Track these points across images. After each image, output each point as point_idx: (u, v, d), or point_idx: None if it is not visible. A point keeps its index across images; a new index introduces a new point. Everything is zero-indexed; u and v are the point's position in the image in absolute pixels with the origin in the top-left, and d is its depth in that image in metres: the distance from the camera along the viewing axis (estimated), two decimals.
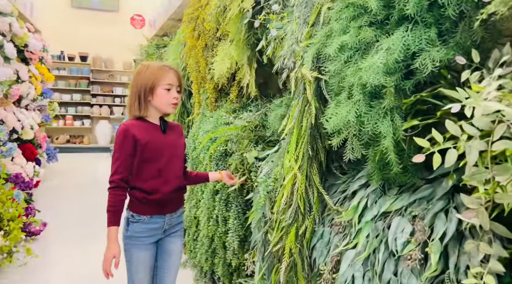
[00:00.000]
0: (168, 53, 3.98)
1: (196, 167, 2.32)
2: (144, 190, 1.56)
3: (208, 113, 2.28)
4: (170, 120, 3.22)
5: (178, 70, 1.59)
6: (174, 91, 1.56)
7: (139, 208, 1.58)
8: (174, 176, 1.60)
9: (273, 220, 1.15)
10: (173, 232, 1.68)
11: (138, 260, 1.61)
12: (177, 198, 1.66)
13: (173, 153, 1.61)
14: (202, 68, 2.10)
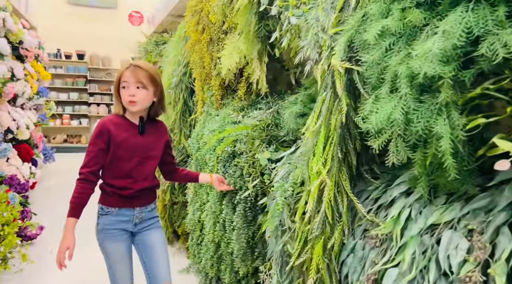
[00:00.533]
0: (168, 50, 3.85)
1: (201, 168, 2.20)
2: (113, 186, 1.60)
3: (213, 111, 2.15)
4: (172, 118, 3.11)
5: (141, 67, 1.56)
6: (130, 89, 1.54)
7: (108, 200, 1.62)
8: (145, 176, 1.62)
9: (294, 230, 1.03)
10: (147, 226, 1.69)
11: (113, 251, 1.62)
12: (147, 194, 1.67)
13: (147, 155, 1.63)
14: (207, 64, 1.98)
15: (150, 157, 1.65)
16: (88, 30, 8.55)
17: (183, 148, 3.02)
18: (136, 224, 1.66)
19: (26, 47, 3.72)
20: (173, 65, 3.27)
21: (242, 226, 1.63)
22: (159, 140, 1.69)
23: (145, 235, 1.69)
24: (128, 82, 1.55)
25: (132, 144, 1.60)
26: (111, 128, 1.57)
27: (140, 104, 1.57)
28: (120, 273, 1.64)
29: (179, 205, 2.87)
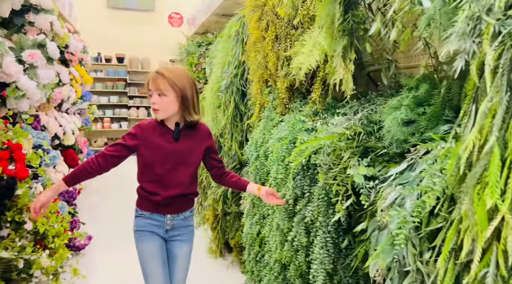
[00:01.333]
0: (215, 51, 3.69)
1: (262, 180, 2.00)
2: (145, 190, 1.64)
3: (277, 116, 1.95)
4: (222, 123, 2.94)
5: (161, 74, 1.56)
6: (153, 97, 1.57)
7: (141, 204, 1.68)
8: (177, 183, 1.61)
9: (425, 275, 0.80)
10: (179, 234, 1.70)
11: (145, 251, 1.66)
12: (180, 202, 1.67)
13: (182, 161, 1.62)
14: (272, 64, 1.77)
15: (184, 164, 1.63)
16: (127, 33, 8.59)
17: (235, 155, 2.84)
18: (167, 230, 1.68)
19: (71, 51, 3.66)
20: (222, 66, 3.09)
21: (319, 251, 1.41)
22: (197, 146, 1.66)
23: (173, 245, 1.71)
24: (151, 90, 1.57)
25: (165, 150, 1.60)
26: (146, 132, 1.62)
27: (163, 112, 1.58)
28: (151, 274, 1.65)
29: (232, 216, 2.69)
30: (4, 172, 1.71)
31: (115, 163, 1.64)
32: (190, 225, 1.73)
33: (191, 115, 1.62)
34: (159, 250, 1.67)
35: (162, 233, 1.67)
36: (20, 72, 1.97)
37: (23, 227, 2.17)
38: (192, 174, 1.67)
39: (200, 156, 1.69)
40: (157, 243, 1.67)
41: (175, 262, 1.71)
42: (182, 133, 1.62)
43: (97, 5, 8.48)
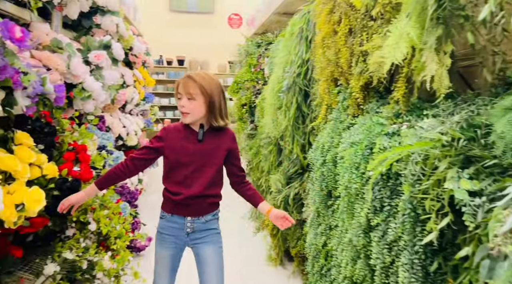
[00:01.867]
0: (275, 50, 3.57)
1: (330, 188, 1.84)
2: (168, 191, 1.70)
3: (348, 118, 1.77)
4: (283, 125, 2.80)
5: (191, 79, 1.61)
6: (182, 100, 1.62)
7: (164, 205, 1.74)
8: (199, 184, 1.65)
9: None
10: (201, 238, 1.72)
11: (157, 253, 1.75)
12: (200, 203, 1.68)
13: (204, 162, 1.66)
14: (344, 60, 1.61)
15: (207, 165, 1.67)
16: (187, 36, 8.77)
17: (296, 159, 2.69)
18: (188, 233, 1.71)
19: (135, 53, 3.73)
20: (284, 66, 2.96)
21: (404, 275, 1.22)
22: (220, 148, 1.70)
23: (198, 248, 1.73)
24: (181, 94, 1.63)
25: (189, 151, 1.66)
26: (171, 135, 1.69)
27: (191, 115, 1.63)
28: (158, 276, 1.75)
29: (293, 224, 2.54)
30: (69, 173, 1.70)
31: (144, 166, 1.74)
32: (212, 228, 1.75)
33: (217, 120, 1.67)
34: (172, 258, 1.74)
35: (183, 236, 1.71)
36: (87, 73, 1.97)
37: (87, 227, 2.19)
38: (213, 175, 1.69)
39: (222, 158, 1.72)
40: (172, 252, 1.73)
41: (205, 267, 1.73)
42: (206, 135, 1.68)
43: (160, 9, 8.74)
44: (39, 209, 1.39)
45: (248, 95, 4.84)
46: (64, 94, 1.57)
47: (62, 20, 2.18)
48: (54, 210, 1.53)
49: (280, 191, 2.59)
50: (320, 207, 2.01)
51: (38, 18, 1.97)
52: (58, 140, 1.76)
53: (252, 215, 3.80)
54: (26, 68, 1.36)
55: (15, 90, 1.38)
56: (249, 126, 5.10)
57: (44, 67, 1.77)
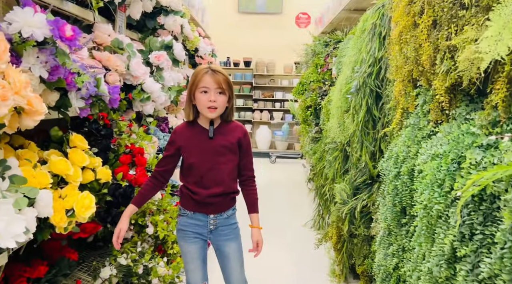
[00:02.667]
0: (344, 49, 3.34)
1: (404, 205, 1.60)
2: (188, 189, 1.68)
3: (428, 125, 1.52)
4: (351, 130, 2.58)
5: (219, 72, 1.58)
6: (211, 94, 1.56)
7: (184, 203, 1.72)
8: (218, 181, 1.63)
9: None
10: (224, 234, 1.73)
11: (185, 251, 1.73)
12: (222, 201, 1.69)
13: (218, 159, 1.63)
14: (426, 57, 1.37)
15: (222, 162, 1.65)
16: (255, 37, 8.74)
17: (365, 167, 2.45)
18: (211, 230, 1.72)
19: (200, 54, 3.71)
20: (353, 65, 2.73)
21: None
22: (232, 143, 1.68)
23: (221, 245, 1.74)
24: (209, 88, 1.56)
25: (202, 149, 1.63)
26: (181, 136, 1.66)
27: (219, 110, 1.61)
28: (191, 273, 1.75)
29: (359, 239, 2.31)
30: (124, 177, 1.65)
31: (171, 173, 1.75)
32: (233, 223, 1.76)
33: (231, 115, 1.70)
34: (200, 251, 1.74)
35: (206, 233, 1.72)
36: (147, 74, 1.93)
37: (145, 230, 2.16)
38: (231, 171, 1.68)
39: (236, 154, 1.70)
40: (198, 245, 1.73)
41: (228, 261, 1.76)
42: (216, 131, 1.66)
43: (228, 11, 8.81)
44: (89, 215, 1.34)
45: (314, 96, 4.63)
46: (118, 95, 1.52)
47: (126, 21, 2.17)
48: (106, 216, 1.48)
49: (346, 203, 2.37)
50: (392, 225, 1.77)
51: (101, 19, 1.97)
52: (115, 142, 1.73)
53: (315, 224, 3.59)
54: (79, 69, 1.31)
55: (69, 92, 1.35)
56: (314, 129, 4.88)
57: (104, 68, 1.74)
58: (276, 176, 6.66)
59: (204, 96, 1.57)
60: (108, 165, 1.67)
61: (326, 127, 3.39)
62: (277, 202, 4.92)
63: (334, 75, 4.05)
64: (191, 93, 1.62)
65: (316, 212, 3.56)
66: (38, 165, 1.33)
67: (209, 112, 1.59)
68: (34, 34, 1.10)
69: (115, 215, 1.52)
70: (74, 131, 1.57)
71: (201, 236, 1.73)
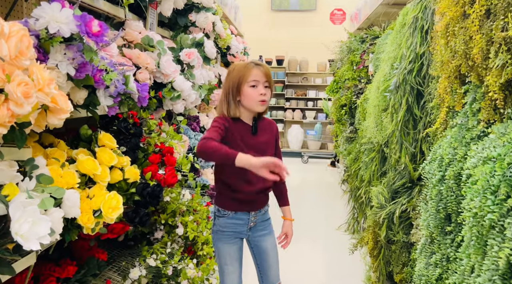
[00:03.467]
0: (382, 45, 3.19)
1: (449, 211, 1.47)
2: (228, 186, 1.63)
3: (478, 125, 1.39)
4: (390, 129, 2.44)
5: (264, 65, 1.61)
6: (260, 87, 1.57)
7: (225, 203, 1.67)
8: (259, 178, 1.50)
9: None
10: (261, 229, 1.74)
11: (225, 253, 1.70)
12: (262, 197, 1.71)
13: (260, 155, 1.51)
14: (477, 51, 1.24)
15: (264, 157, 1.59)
16: (288, 35, 8.64)
17: (405, 170, 2.31)
18: (251, 228, 1.72)
19: (232, 53, 3.66)
20: (392, 61, 2.59)
21: None
22: (271, 139, 1.71)
23: (259, 241, 1.74)
24: (258, 81, 1.57)
25: (246, 145, 1.59)
26: (230, 125, 1.60)
27: (267, 103, 1.63)
28: (229, 275, 1.71)
29: (398, 246, 2.18)
30: (153, 176, 1.62)
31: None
32: (268, 218, 1.79)
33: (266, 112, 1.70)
34: (239, 252, 1.73)
35: (245, 231, 1.71)
36: (177, 72, 1.89)
37: (175, 231, 2.12)
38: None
39: (273, 148, 1.72)
40: (237, 246, 1.72)
41: (266, 256, 1.76)
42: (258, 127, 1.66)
43: (261, 9, 8.75)
44: (116, 216, 1.31)
45: (349, 95, 4.48)
46: (148, 93, 1.48)
47: (158, 18, 2.15)
48: (134, 216, 1.45)
49: (383, 207, 2.24)
50: (435, 233, 1.64)
51: (133, 16, 1.95)
52: (144, 141, 1.70)
53: (349, 227, 3.46)
54: (107, 66, 1.28)
55: (97, 89, 1.32)
56: (348, 129, 4.73)
57: (134, 65, 1.72)
58: (308, 176, 6.53)
59: (255, 90, 1.57)
60: (137, 164, 1.64)
61: (362, 126, 3.26)
62: (309, 204, 4.81)
63: (371, 73, 3.90)
64: (234, 89, 1.58)
65: (351, 215, 3.43)
66: (66, 164, 1.31)
67: (260, 105, 1.59)
68: (60, 30, 1.08)
69: (143, 215, 1.48)
70: (103, 130, 1.55)
71: (240, 236, 1.72)
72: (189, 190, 2.26)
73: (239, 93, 1.58)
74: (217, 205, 1.70)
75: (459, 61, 1.39)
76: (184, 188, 2.41)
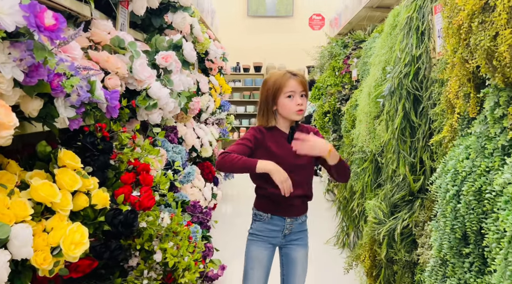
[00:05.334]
0: (369, 49, 3.05)
1: (468, 231, 1.29)
2: (265, 188, 1.66)
3: (504, 134, 1.22)
4: (385, 137, 2.28)
5: (300, 74, 1.67)
6: (297, 98, 1.62)
7: (263, 206, 1.71)
8: (298, 184, 1.61)
9: None
10: (296, 239, 1.74)
11: (254, 257, 1.72)
12: (299, 204, 1.72)
13: (298, 162, 1.64)
14: (505, 47, 1.07)
15: (301, 166, 1.67)
16: (265, 41, 8.51)
17: (403, 181, 2.14)
18: (285, 235, 1.72)
19: (211, 58, 3.45)
20: (384, 65, 2.44)
21: None
22: None
23: (291, 249, 1.74)
24: (294, 92, 1.62)
25: (283, 153, 1.64)
26: (265, 135, 1.66)
27: (304, 112, 1.68)
28: (252, 279, 1.72)
29: (399, 265, 2.00)
30: (126, 200, 1.37)
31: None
32: (305, 229, 1.78)
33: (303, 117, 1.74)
34: (269, 259, 1.74)
35: (280, 238, 1.72)
36: (152, 78, 1.66)
37: (152, 257, 1.87)
38: (309, 174, 1.75)
39: (311, 158, 1.69)
40: (269, 252, 1.73)
41: (295, 267, 1.75)
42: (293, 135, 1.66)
43: (238, 15, 8.59)
44: (80, 253, 1.06)
45: (332, 101, 4.34)
46: (118, 102, 1.24)
47: (129, 18, 1.91)
48: (103, 250, 1.20)
49: (382, 222, 2.06)
50: (448, 254, 1.46)
51: (101, 15, 1.71)
52: (115, 158, 1.45)
53: (338, 241, 3.27)
54: (67, 69, 1.04)
55: (55, 98, 1.07)
56: (332, 136, 4.59)
57: (102, 70, 1.47)
58: None
59: (291, 101, 1.62)
60: (107, 186, 1.39)
61: (350, 134, 3.09)
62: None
63: (355, 78, 3.76)
64: (270, 99, 1.64)
65: (340, 228, 3.25)
66: (16, 191, 1.05)
67: (297, 115, 1.64)
68: (2, 22, 0.83)
69: (115, 249, 1.23)
70: (65, 146, 1.30)
71: (274, 242, 1.73)
72: (168, 209, 2.02)
73: (275, 103, 1.63)
74: (255, 208, 1.74)
75: (479, 61, 1.22)
76: (160, 206, 2.17)
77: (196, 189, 3.07)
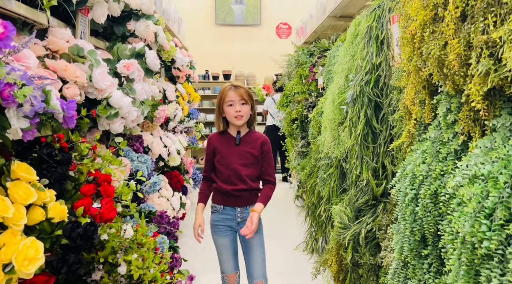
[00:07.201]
0: (333, 57, 3.11)
1: (425, 233, 1.34)
2: (219, 186, 2.00)
3: (455, 139, 1.28)
4: (348, 143, 2.32)
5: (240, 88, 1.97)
6: (236, 106, 1.94)
7: (216, 199, 2.05)
8: (241, 179, 1.98)
9: None
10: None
11: (218, 244, 2.07)
12: (246, 196, 2.01)
13: (242, 162, 1.98)
14: (454, 56, 1.12)
15: (245, 165, 1.98)
16: (233, 49, 8.52)
17: (367, 186, 2.19)
18: (239, 223, 2.03)
19: (178, 66, 3.42)
20: (346, 73, 2.50)
21: None
22: (255, 151, 2.01)
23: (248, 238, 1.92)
24: (233, 100, 1.93)
25: (229, 153, 1.98)
26: (215, 142, 2.04)
27: (244, 117, 1.97)
28: (224, 263, 2.08)
29: (365, 269, 2.03)
30: (86, 212, 1.33)
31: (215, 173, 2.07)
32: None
33: (253, 123, 2.07)
34: (231, 243, 2.06)
35: (234, 225, 2.03)
36: (113, 87, 1.62)
37: (117, 270, 1.82)
38: (252, 173, 2.00)
39: (258, 159, 2.02)
40: (230, 238, 2.05)
41: (251, 251, 2.05)
42: (242, 139, 2.01)
43: (205, 23, 8.58)
44: (35, 269, 1.02)
45: (299, 108, 4.40)
46: (75, 112, 1.21)
47: (90, 26, 1.87)
48: (61, 265, 1.16)
49: (347, 227, 2.09)
50: (409, 256, 1.50)
51: (59, 23, 1.67)
52: (75, 169, 1.41)
53: (307, 247, 3.30)
54: (18, 78, 1.01)
55: (6, 109, 1.03)
56: (300, 143, 4.64)
57: (60, 79, 1.43)
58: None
59: (231, 108, 1.93)
60: (66, 198, 1.35)
61: (317, 141, 3.14)
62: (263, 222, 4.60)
63: (321, 86, 3.83)
64: (219, 107, 1.98)
65: (309, 234, 3.27)
66: None
67: (237, 120, 1.94)
68: None
69: (73, 263, 1.19)
70: (20, 158, 1.25)
71: (231, 229, 2.03)
72: (133, 220, 1.97)
73: (222, 110, 1.97)
74: (212, 202, 2.06)
75: (431, 69, 1.27)
76: (126, 217, 2.12)
77: (164, 199, 3.01)
